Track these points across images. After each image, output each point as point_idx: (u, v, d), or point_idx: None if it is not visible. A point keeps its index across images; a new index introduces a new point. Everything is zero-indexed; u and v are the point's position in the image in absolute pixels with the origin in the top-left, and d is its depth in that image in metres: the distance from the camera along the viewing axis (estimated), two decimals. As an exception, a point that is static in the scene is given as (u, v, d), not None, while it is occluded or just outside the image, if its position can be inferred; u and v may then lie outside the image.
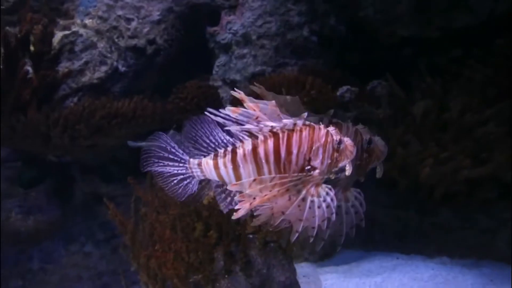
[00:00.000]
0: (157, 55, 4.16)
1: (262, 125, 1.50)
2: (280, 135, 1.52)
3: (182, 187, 1.70)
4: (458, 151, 3.19)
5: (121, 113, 3.02)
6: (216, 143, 1.64)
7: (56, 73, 3.55)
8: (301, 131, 1.52)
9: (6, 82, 3.30)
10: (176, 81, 4.05)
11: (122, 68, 4.15)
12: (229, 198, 1.64)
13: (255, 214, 1.52)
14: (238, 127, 1.51)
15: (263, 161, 1.54)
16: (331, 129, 1.55)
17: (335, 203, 1.51)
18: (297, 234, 1.50)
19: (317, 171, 1.52)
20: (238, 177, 1.58)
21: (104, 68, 4.09)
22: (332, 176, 1.56)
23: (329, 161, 1.53)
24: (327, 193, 1.51)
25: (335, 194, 1.52)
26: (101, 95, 3.79)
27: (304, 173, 1.52)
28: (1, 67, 3.30)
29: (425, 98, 3.75)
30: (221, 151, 1.62)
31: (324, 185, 1.53)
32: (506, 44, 3.78)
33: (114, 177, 3.72)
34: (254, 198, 1.48)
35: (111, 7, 4.18)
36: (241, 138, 1.58)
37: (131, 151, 3.63)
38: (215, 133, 1.64)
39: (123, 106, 3.06)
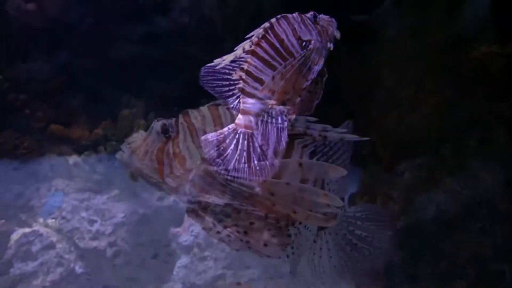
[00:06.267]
0: (117, 256, 4.11)
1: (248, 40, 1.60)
2: (266, 34, 1.61)
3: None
4: None
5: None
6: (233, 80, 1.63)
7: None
8: (278, 22, 1.62)
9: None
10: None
11: (78, 270, 4.03)
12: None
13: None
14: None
15: (271, 60, 1.60)
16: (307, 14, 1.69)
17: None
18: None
19: (312, 42, 1.62)
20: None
21: (59, 270, 3.96)
22: (331, 46, 1.65)
23: (316, 31, 1.63)
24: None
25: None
26: (52, 301, 3.59)
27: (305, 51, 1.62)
28: None
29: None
30: (240, 84, 1.61)
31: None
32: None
33: None
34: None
35: (76, 208, 4.25)
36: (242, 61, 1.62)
37: None
38: (225, 71, 1.63)
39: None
